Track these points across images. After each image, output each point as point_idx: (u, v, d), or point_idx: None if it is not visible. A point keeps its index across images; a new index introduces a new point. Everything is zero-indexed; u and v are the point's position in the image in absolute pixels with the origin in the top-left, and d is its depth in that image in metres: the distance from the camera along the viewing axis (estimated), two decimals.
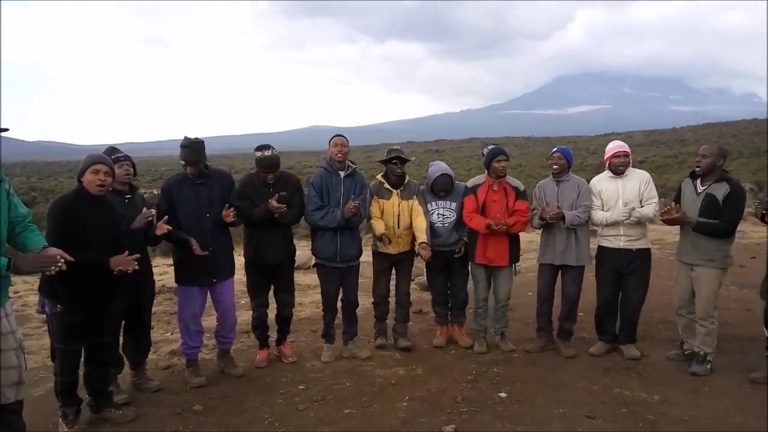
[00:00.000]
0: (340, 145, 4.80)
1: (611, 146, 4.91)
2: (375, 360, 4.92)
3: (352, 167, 4.85)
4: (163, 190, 4.43)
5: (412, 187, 5.12)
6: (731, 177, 4.43)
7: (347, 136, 4.95)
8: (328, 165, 4.83)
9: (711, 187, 4.38)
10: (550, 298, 5.09)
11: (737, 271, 7.79)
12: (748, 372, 4.33)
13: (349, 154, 4.90)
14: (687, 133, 63.88)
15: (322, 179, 4.80)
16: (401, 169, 5.02)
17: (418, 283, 7.92)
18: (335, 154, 4.79)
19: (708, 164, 4.38)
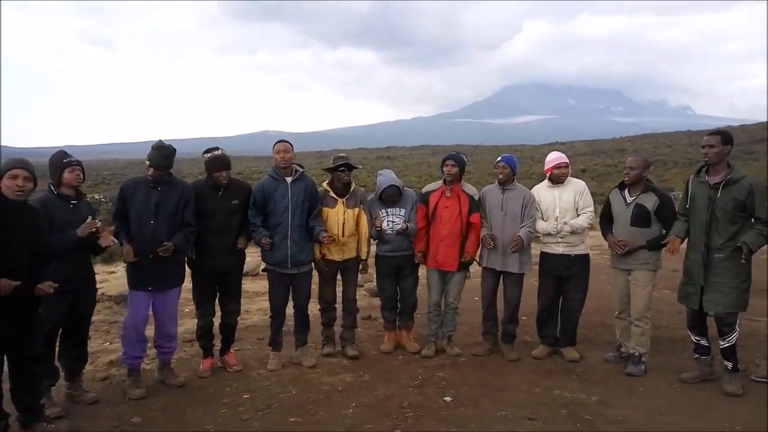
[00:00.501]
0: (282, 151, 4.76)
1: (552, 157, 5.06)
2: (322, 367, 4.89)
3: (300, 171, 4.82)
4: (122, 189, 4.38)
5: (358, 195, 5.12)
6: (656, 187, 4.72)
7: (300, 142, 4.94)
8: (274, 172, 4.78)
9: (639, 197, 4.61)
10: (494, 303, 5.20)
11: (670, 276, 8.17)
12: (680, 372, 4.55)
13: (294, 158, 4.86)
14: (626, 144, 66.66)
15: (264, 189, 4.75)
16: (348, 177, 5.02)
17: (367, 289, 7.94)
18: (278, 161, 4.76)
19: (636, 175, 4.62)
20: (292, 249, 4.74)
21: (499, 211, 4.99)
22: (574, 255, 4.91)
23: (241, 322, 6.23)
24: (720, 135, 4.19)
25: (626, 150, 56.28)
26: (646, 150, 53.03)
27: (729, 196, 4.06)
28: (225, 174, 4.59)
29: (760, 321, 5.79)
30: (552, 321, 5.12)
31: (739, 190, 4.04)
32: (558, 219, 4.89)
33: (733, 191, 4.06)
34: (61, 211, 3.92)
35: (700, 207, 4.19)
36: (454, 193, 5.03)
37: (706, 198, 4.16)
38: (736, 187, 4.05)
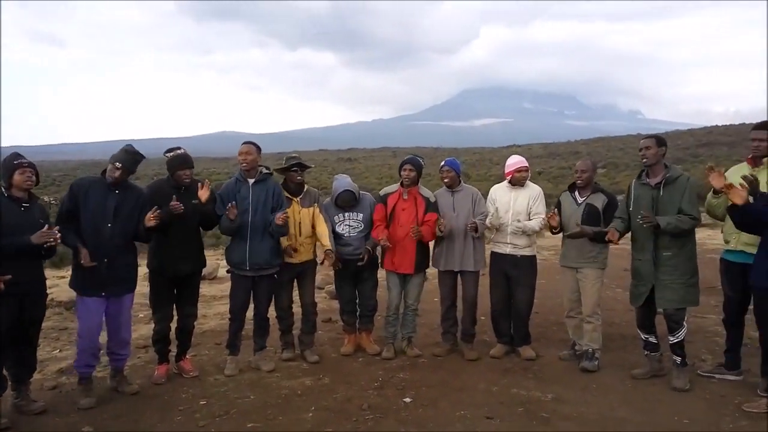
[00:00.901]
0: (244, 153, 4.73)
1: (514, 161, 5.15)
2: (281, 371, 4.84)
3: (264, 173, 4.78)
4: (72, 188, 4.20)
5: (312, 194, 5.12)
6: (604, 188, 4.93)
7: (258, 143, 4.89)
8: (240, 174, 4.78)
9: (589, 198, 4.81)
10: (454, 303, 5.27)
11: (622, 275, 8.44)
12: (631, 369, 4.69)
13: (259, 161, 4.82)
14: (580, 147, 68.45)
15: (227, 188, 4.74)
16: (301, 177, 5.02)
17: (327, 292, 7.91)
18: (240, 163, 4.75)
19: (588, 177, 4.82)
20: (250, 252, 4.68)
21: (452, 213, 5.09)
22: (520, 255, 5.04)
23: (198, 327, 6.11)
24: (655, 138, 4.45)
25: (580, 153, 57.83)
26: (598, 153, 54.65)
27: (670, 194, 4.26)
28: (188, 173, 4.53)
29: (706, 318, 6.03)
30: (506, 320, 5.22)
31: (678, 187, 4.24)
32: (510, 222, 5.01)
33: (672, 189, 4.25)
34: (12, 214, 3.78)
35: (646, 208, 4.34)
36: (411, 196, 5.08)
37: (649, 198, 4.34)
38: (675, 185, 4.26)
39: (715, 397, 4.18)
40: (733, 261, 4.31)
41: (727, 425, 3.72)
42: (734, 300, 4.42)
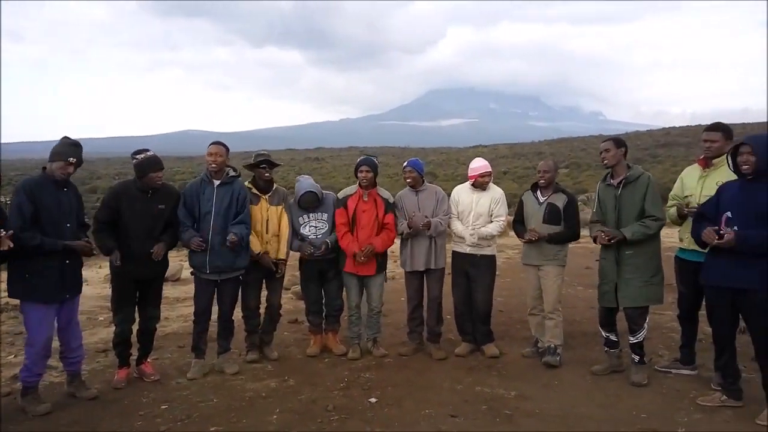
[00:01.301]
0: (214, 153, 4.65)
1: (477, 165, 5.19)
2: (245, 374, 4.78)
3: (231, 175, 4.71)
4: (26, 191, 3.93)
5: (281, 193, 5.10)
6: (564, 188, 5.04)
7: (225, 142, 4.83)
8: (206, 174, 4.70)
9: (551, 197, 4.92)
10: (420, 303, 5.30)
11: (583, 273, 8.65)
12: (592, 365, 4.80)
13: (226, 162, 4.75)
14: (544, 147, 69.72)
15: (192, 189, 4.66)
16: (270, 174, 4.99)
17: (294, 292, 7.86)
18: (209, 164, 4.66)
19: (550, 178, 4.93)
20: (211, 255, 4.60)
21: (417, 212, 5.11)
22: (479, 255, 5.11)
23: (161, 329, 5.99)
24: (613, 140, 4.54)
25: (544, 153, 58.88)
26: (562, 153, 55.73)
27: (630, 193, 4.36)
28: (160, 175, 4.46)
29: (664, 314, 6.21)
30: (469, 319, 5.28)
31: (639, 187, 4.34)
32: (471, 223, 5.08)
33: (633, 188, 4.35)
34: None
35: (609, 208, 4.46)
36: (371, 197, 5.09)
37: (612, 198, 4.44)
38: (635, 185, 4.36)
39: (671, 391, 4.31)
40: (686, 259, 4.44)
41: (682, 418, 3.83)
42: (688, 297, 4.56)
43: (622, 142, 4.54)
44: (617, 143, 4.49)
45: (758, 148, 3.59)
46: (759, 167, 3.59)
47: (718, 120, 4.41)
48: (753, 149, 3.59)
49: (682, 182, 4.53)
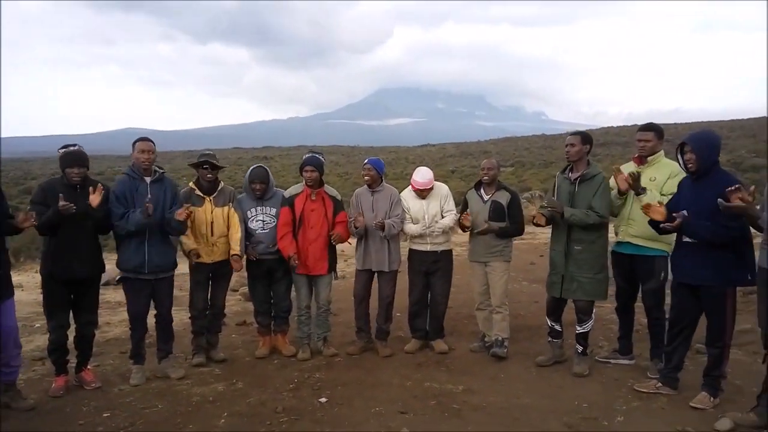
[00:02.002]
0: (147, 151, 4.49)
1: (421, 180, 5.13)
2: (192, 378, 4.67)
3: (159, 172, 4.58)
4: None
5: (227, 193, 4.99)
6: (507, 186, 5.18)
7: (167, 140, 4.68)
8: (132, 171, 4.51)
9: (495, 195, 5.04)
10: (366, 300, 5.31)
11: (528, 269, 8.90)
12: (536, 357, 4.94)
13: (156, 159, 4.62)
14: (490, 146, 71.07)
15: (124, 186, 4.47)
16: (213, 175, 4.87)
17: (242, 294, 7.73)
18: (142, 162, 4.49)
19: (493, 175, 5.05)
20: (150, 254, 4.46)
21: (371, 213, 5.14)
22: (440, 251, 5.19)
23: (102, 335, 5.79)
24: (580, 135, 4.66)
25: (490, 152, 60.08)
26: (506, 152, 56.99)
27: (585, 190, 4.50)
28: (77, 171, 4.24)
29: (603, 307, 6.45)
30: (422, 315, 5.35)
31: (594, 185, 4.49)
32: (428, 224, 5.13)
33: (588, 186, 4.49)
34: None
35: (564, 200, 4.57)
36: (318, 196, 5.06)
37: (567, 192, 4.58)
38: (591, 182, 4.49)
39: (610, 380, 4.49)
40: (621, 252, 4.64)
41: (620, 406, 4.00)
42: (624, 289, 4.76)
43: (589, 139, 4.64)
44: (583, 139, 4.59)
45: (697, 147, 3.79)
46: (701, 165, 3.79)
47: (652, 120, 4.62)
48: (693, 148, 3.79)
49: None
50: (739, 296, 6.26)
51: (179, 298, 5.22)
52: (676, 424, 3.68)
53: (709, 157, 3.80)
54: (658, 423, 3.72)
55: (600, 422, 3.77)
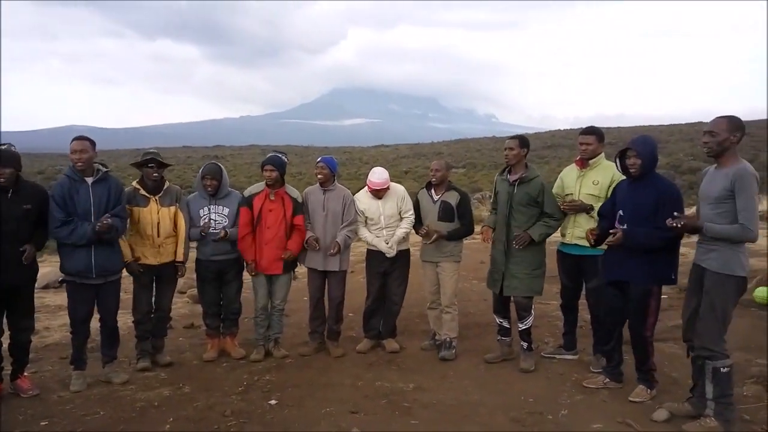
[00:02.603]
0: (78, 151, 4.25)
1: (378, 181, 5.13)
2: (136, 383, 4.53)
3: (103, 171, 4.39)
4: None
5: (173, 192, 4.87)
6: (457, 186, 5.24)
7: (114, 138, 4.51)
8: (71, 171, 4.32)
9: (444, 195, 5.09)
10: (321, 301, 5.29)
11: (478, 267, 9.05)
12: (485, 354, 5.04)
13: (95, 157, 4.41)
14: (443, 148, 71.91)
15: (63, 189, 4.25)
16: (158, 173, 4.74)
17: (190, 296, 7.57)
18: (76, 162, 4.28)
19: (441, 176, 5.09)
20: (97, 257, 4.30)
21: (321, 212, 5.10)
22: (397, 251, 5.19)
23: (40, 340, 5.57)
24: (518, 139, 4.75)
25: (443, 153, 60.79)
26: (459, 154, 57.82)
27: (523, 192, 4.62)
28: (8, 172, 4.03)
29: (549, 304, 6.64)
30: (377, 315, 5.37)
31: (532, 187, 4.61)
32: (384, 225, 5.14)
33: (526, 188, 4.61)
34: None
35: (502, 201, 4.70)
36: (278, 196, 5.00)
37: (506, 194, 4.69)
38: (529, 185, 4.61)
39: (555, 375, 4.62)
40: (567, 253, 4.78)
41: (565, 400, 4.12)
42: (569, 288, 4.92)
43: (526, 143, 4.75)
44: (522, 143, 4.68)
45: (642, 152, 3.94)
46: (644, 169, 3.94)
47: (598, 124, 4.79)
48: (638, 153, 3.95)
49: (562, 181, 4.87)
50: (675, 292, 6.64)
51: (124, 300, 5.06)
52: (617, 416, 3.82)
53: (652, 160, 3.97)
54: (600, 416, 3.85)
55: (545, 416, 3.88)
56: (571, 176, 4.80)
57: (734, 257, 3.49)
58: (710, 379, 3.54)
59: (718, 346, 3.53)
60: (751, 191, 3.40)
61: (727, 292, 3.52)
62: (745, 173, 3.41)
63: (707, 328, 3.55)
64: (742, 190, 3.39)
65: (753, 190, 3.41)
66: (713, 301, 3.53)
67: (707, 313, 3.55)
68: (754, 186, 3.42)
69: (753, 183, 3.42)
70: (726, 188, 3.44)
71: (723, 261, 3.49)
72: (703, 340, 3.55)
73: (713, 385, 3.53)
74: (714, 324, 3.53)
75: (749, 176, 3.41)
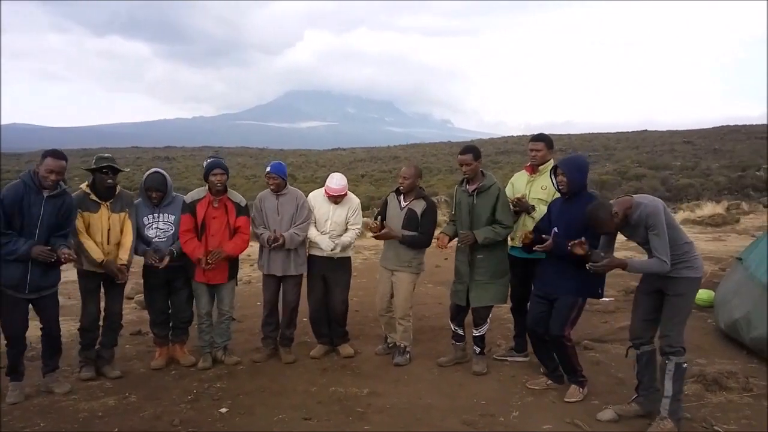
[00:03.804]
0: (54, 172, 4.03)
1: (336, 187, 5.07)
2: (79, 393, 4.36)
3: (62, 188, 4.15)
4: None
5: (124, 198, 4.71)
6: (426, 195, 5.17)
7: (61, 137, 4.27)
8: (30, 179, 4.06)
9: (412, 203, 5.01)
10: (276, 307, 5.22)
11: (434, 271, 9.12)
12: (439, 357, 5.07)
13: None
14: (399, 151, 72.50)
15: (17, 194, 4.01)
16: (113, 180, 4.57)
17: (137, 302, 7.34)
18: (45, 179, 4.04)
19: (409, 184, 4.98)
20: (32, 274, 4.06)
21: (276, 216, 5.05)
22: (337, 258, 5.17)
23: None
24: (472, 153, 4.71)
25: (399, 157, 61.18)
26: (415, 158, 58.37)
27: (483, 201, 4.66)
28: None
29: (501, 307, 6.75)
30: (325, 321, 5.32)
31: (491, 195, 4.66)
32: (328, 230, 5.11)
33: (485, 197, 4.66)
34: None
35: (464, 212, 4.73)
36: (221, 203, 4.90)
37: (467, 204, 4.72)
38: (487, 193, 4.66)
39: (507, 377, 4.70)
40: (517, 256, 4.87)
41: (516, 402, 4.20)
42: (519, 290, 5.01)
43: (479, 154, 4.76)
44: (476, 156, 4.69)
45: (569, 171, 4.08)
46: (571, 188, 4.09)
47: (548, 131, 4.91)
48: (565, 172, 4.07)
49: (512, 186, 4.96)
50: (621, 295, 6.87)
51: (67, 307, 4.87)
52: (565, 416, 3.92)
53: (579, 180, 4.13)
54: (550, 417, 3.94)
55: (497, 418, 3.94)
56: (521, 181, 4.90)
57: (696, 260, 3.74)
58: (671, 376, 3.67)
59: (681, 343, 3.71)
60: (662, 227, 3.58)
61: (691, 293, 3.75)
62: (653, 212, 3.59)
63: (675, 327, 3.72)
64: (655, 227, 3.58)
65: (662, 224, 3.59)
66: (680, 302, 3.71)
67: (675, 313, 3.72)
68: (662, 220, 3.59)
69: (661, 217, 3.59)
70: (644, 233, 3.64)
71: (689, 265, 3.70)
72: (670, 339, 3.70)
73: (673, 382, 3.67)
74: (681, 323, 3.73)
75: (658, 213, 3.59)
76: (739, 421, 3.83)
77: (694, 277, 3.72)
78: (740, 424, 3.79)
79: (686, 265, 3.68)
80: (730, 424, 3.78)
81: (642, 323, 3.90)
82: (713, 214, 16.55)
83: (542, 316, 4.27)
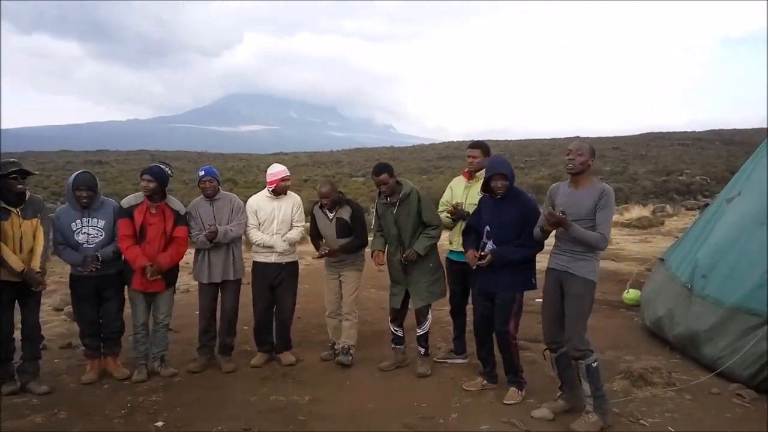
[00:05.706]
0: None
1: (277, 170, 5.16)
2: (3, 411, 4.12)
3: None
4: None
5: (35, 203, 4.51)
6: (348, 199, 5.27)
7: None
8: None
9: (338, 212, 5.11)
10: (214, 315, 5.14)
11: (375, 276, 9.14)
12: (381, 362, 5.11)
13: None
14: (342, 156, 72.33)
15: None
16: (23, 185, 4.38)
17: (67, 313, 7.00)
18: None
19: (332, 201, 5.06)
20: None
21: (213, 221, 4.96)
22: (285, 263, 5.16)
23: None
24: (387, 172, 4.75)
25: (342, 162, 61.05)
26: (358, 162, 58.39)
27: (406, 210, 4.76)
28: None
29: (442, 310, 6.87)
30: (269, 328, 5.27)
31: (411, 202, 4.77)
32: (275, 231, 5.09)
33: (407, 205, 4.76)
34: None
35: (389, 223, 4.83)
36: (159, 209, 4.79)
37: (390, 215, 4.82)
38: (408, 201, 4.76)
39: (447, 379, 4.80)
40: (455, 260, 5.00)
41: (455, 404, 4.29)
42: (457, 293, 5.15)
43: (392, 170, 4.84)
44: (391, 174, 4.76)
45: (509, 174, 4.24)
46: (510, 189, 4.25)
47: (487, 137, 5.07)
48: (507, 175, 4.22)
49: (451, 191, 5.09)
50: None
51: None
52: (502, 416, 4.04)
53: (514, 179, 4.31)
54: (488, 417, 4.05)
55: (437, 420, 4.02)
56: (459, 187, 5.03)
57: (597, 265, 3.91)
58: (585, 377, 3.84)
59: (585, 345, 3.85)
60: (611, 208, 3.80)
61: (589, 296, 3.89)
62: (609, 192, 3.81)
63: (578, 330, 3.86)
64: (606, 206, 3.77)
65: (612, 206, 3.81)
66: (583, 305, 3.87)
67: (577, 316, 3.87)
68: (613, 202, 3.83)
69: (612, 200, 3.81)
70: (591, 208, 3.79)
71: (591, 268, 3.86)
72: (575, 343, 3.84)
73: (589, 382, 3.83)
74: (583, 325, 3.88)
75: (611, 195, 3.81)
76: (663, 414, 4.06)
77: (592, 281, 3.88)
78: (664, 417, 4.02)
79: (590, 268, 3.85)
80: (654, 418, 4.00)
81: (552, 327, 4.06)
82: (640, 217, 17.48)
83: (487, 314, 4.39)
